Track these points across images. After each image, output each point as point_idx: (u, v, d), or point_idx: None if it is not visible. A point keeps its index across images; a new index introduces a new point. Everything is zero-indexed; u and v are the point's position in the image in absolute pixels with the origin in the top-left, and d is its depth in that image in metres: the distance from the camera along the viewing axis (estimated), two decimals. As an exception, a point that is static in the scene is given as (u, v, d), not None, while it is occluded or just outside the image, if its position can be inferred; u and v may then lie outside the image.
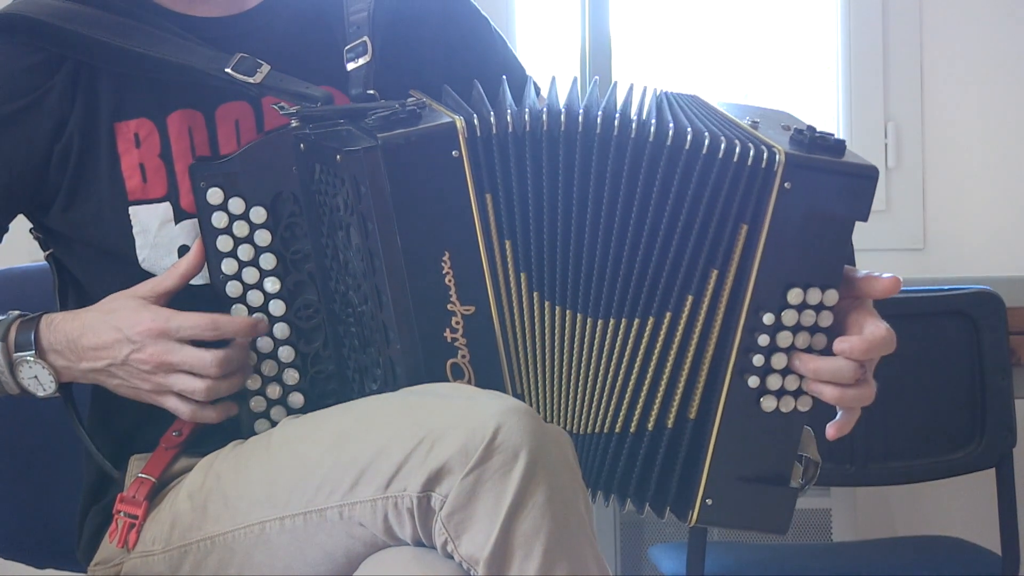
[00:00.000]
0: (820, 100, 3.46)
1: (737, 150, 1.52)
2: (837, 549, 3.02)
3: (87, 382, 1.62)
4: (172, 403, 1.58)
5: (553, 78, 1.62)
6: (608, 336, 1.56)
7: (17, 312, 1.62)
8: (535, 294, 1.54)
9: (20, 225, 1.71)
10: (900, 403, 2.54)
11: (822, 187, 1.53)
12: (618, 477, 1.59)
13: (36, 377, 1.60)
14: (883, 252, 3.39)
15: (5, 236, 1.71)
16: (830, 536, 3.23)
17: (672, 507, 1.60)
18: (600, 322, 1.55)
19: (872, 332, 1.54)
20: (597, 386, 1.57)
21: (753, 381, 1.56)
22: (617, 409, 1.57)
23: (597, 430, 1.58)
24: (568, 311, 1.55)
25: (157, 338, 1.55)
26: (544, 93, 1.61)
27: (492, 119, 1.52)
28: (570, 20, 3.35)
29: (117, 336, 1.56)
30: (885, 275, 1.56)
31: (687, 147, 1.52)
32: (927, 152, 3.42)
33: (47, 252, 1.72)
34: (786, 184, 1.52)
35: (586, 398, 1.57)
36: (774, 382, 1.56)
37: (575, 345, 1.56)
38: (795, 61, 3.49)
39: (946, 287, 2.57)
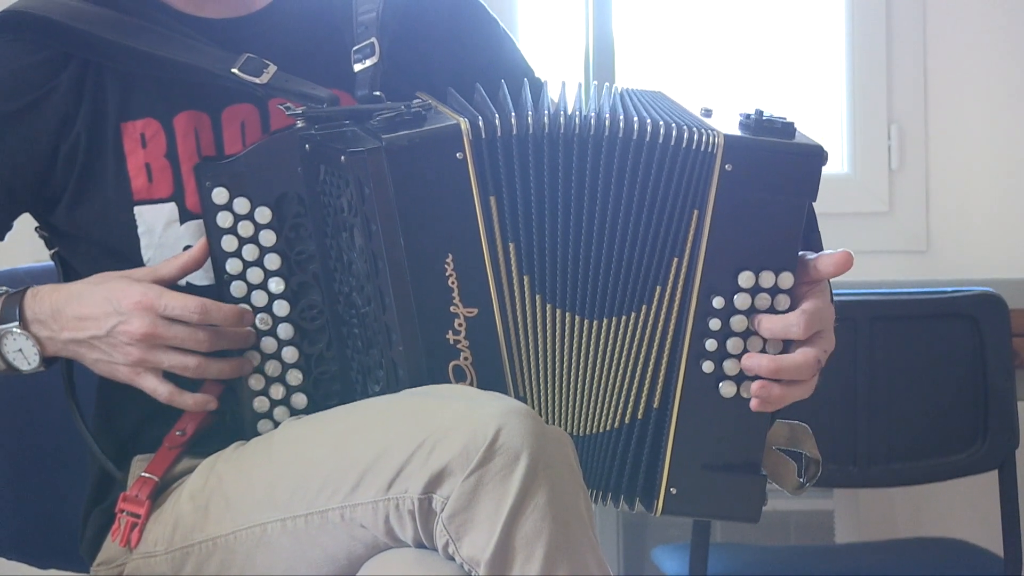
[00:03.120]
0: (824, 102, 3.46)
1: (674, 134, 1.53)
2: (840, 550, 3.02)
3: (68, 356, 1.60)
4: (150, 383, 1.57)
5: (549, 82, 1.62)
6: (601, 336, 1.56)
7: (4, 288, 1.61)
8: (537, 297, 1.55)
9: (23, 225, 1.71)
10: (903, 405, 2.54)
11: (764, 168, 1.53)
12: (601, 473, 1.60)
13: (21, 350, 1.59)
14: (886, 254, 3.38)
15: (8, 235, 1.71)
16: (833, 537, 3.23)
17: (640, 498, 1.60)
18: (595, 323, 1.56)
19: (809, 306, 1.53)
20: (595, 386, 1.57)
21: (708, 366, 1.55)
22: (607, 407, 1.58)
23: (595, 430, 1.58)
24: (567, 313, 1.55)
25: (145, 312, 1.54)
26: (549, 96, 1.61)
27: (496, 121, 1.52)
28: (574, 24, 3.34)
29: (106, 308, 1.55)
30: (836, 251, 1.55)
31: (620, 135, 1.53)
32: (930, 154, 3.42)
33: (52, 251, 1.72)
34: (727, 166, 1.52)
35: (585, 399, 1.58)
36: (732, 367, 1.55)
37: (573, 347, 1.56)
38: (799, 63, 3.48)
39: (949, 289, 2.57)
